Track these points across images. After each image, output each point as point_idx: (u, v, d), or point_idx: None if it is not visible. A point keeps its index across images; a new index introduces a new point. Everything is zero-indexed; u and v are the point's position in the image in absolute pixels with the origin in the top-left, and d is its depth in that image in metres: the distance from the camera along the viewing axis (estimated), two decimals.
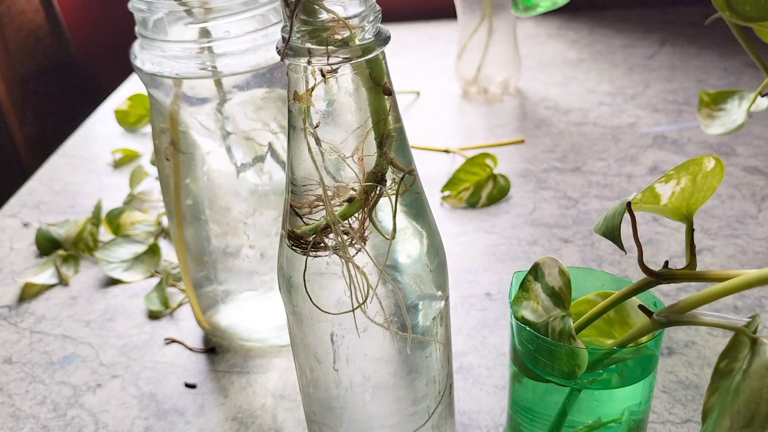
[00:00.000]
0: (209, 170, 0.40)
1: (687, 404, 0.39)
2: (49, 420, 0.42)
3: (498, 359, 0.44)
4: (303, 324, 0.28)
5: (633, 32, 0.95)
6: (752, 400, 0.22)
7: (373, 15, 0.24)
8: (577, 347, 0.27)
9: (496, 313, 0.48)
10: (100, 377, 0.45)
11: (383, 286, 0.27)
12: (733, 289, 0.24)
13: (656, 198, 0.26)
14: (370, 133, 0.25)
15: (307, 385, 0.31)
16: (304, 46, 0.23)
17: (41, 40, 0.98)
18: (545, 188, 0.62)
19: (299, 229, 0.26)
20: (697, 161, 0.26)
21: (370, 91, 0.24)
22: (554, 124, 0.73)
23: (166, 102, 0.38)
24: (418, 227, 0.28)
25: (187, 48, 0.35)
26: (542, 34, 0.97)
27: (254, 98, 0.38)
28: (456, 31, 0.81)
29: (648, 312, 0.26)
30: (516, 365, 0.31)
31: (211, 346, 0.47)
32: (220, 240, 0.42)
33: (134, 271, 0.55)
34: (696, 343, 0.43)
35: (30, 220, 0.64)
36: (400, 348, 0.28)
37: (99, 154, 0.75)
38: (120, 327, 0.49)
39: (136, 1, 0.35)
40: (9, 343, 0.49)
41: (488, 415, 0.40)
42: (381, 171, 0.25)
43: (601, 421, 0.30)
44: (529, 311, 0.29)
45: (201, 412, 0.42)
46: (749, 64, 0.81)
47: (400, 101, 0.75)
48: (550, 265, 0.29)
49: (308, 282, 0.26)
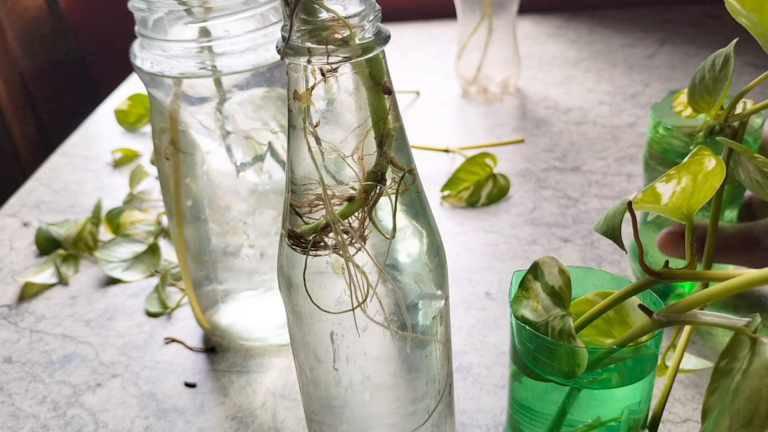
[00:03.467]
0: (209, 170, 0.40)
1: (686, 403, 0.39)
2: (49, 419, 0.42)
3: (498, 358, 0.44)
4: (303, 323, 0.28)
5: (633, 32, 0.95)
6: (752, 400, 0.22)
7: (373, 14, 0.24)
8: (577, 346, 0.27)
9: (496, 313, 0.48)
10: (100, 376, 0.45)
11: (383, 286, 0.27)
12: (733, 289, 0.24)
13: (657, 197, 0.26)
14: (369, 133, 0.25)
15: (307, 384, 0.31)
16: (304, 46, 0.23)
17: (45, 38, 0.98)
18: (545, 187, 0.62)
19: (299, 229, 0.26)
20: (698, 161, 0.26)
21: (370, 91, 0.24)
22: (554, 123, 0.73)
23: (165, 101, 0.38)
24: (418, 226, 0.28)
25: (187, 47, 0.35)
26: (542, 34, 0.97)
27: (254, 97, 0.38)
28: (456, 31, 0.82)
29: (648, 311, 0.26)
30: (516, 364, 0.31)
31: (210, 346, 0.47)
32: (219, 239, 0.42)
33: (134, 270, 0.55)
34: (696, 342, 0.43)
35: (30, 219, 0.64)
36: (400, 347, 0.28)
37: (99, 154, 0.75)
38: (120, 326, 0.49)
39: (136, 1, 0.35)
40: (9, 343, 0.49)
41: (488, 414, 0.40)
42: (381, 170, 0.25)
43: (601, 420, 0.30)
44: (528, 310, 0.29)
45: (201, 412, 0.42)
46: (749, 63, 0.81)
47: (400, 101, 0.75)
48: (549, 265, 0.29)
49: (308, 281, 0.26)
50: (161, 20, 0.36)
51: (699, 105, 0.37)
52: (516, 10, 0.76)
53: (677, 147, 0.41)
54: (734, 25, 0.32)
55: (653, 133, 0.43)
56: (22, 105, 0.92)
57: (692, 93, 0.37)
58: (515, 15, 0.76)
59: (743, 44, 0.37)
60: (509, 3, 0.75)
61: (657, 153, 0.43)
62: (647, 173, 0.45)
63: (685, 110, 0.40)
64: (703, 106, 0.37)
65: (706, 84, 0.36)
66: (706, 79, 0.36)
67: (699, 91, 0.36)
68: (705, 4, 1.01)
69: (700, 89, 0.37)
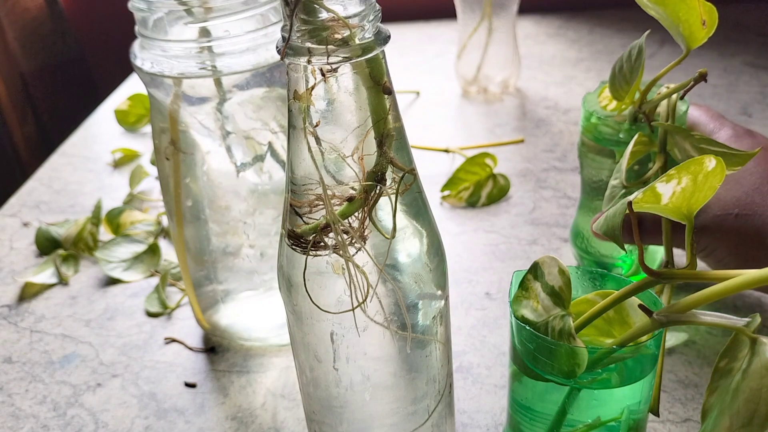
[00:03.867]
0: (209, 170, 0.40)
1: (686, 403, 0.39)
2: (49, 419, 0.42)
3: (498, 358, 0.44)
4: (303, 323, 0.28)
5: (633, 32, 0.95)
6: (752, 400, 0.22)
7: (373, 14, 0.24)
8: (577, 346, 0.27)
9: (496, 313, 0.48)
10: (100, 376, 0.45)
11: (383, 285, 0.27)
12: (733, 289, 0.24)
13: (657, 198, 0.26)
14: (369, 133, 0.25)
15: (307, 384, 0.31)
16: (304, 46, 0.23)
17: (45, 38, 0.98)
18: (545, 187, 0.62)
19: (299, 229, 0.26)
20: (699, 161, 0.26)
21: (370, 91, 0.24)
22: (554, 123, 0.73)
23: (166, 101, 0.38)
24: (418, 226, 0.28)
25: (187, 47, 0.35)
26: (542, 34, 0.97)
27: (254, 97, 0.38)
28: (456, 31, 0.81)
29: (648, 311, 0.26)
30: (516, 364, 0.31)
31: (210, 346, 0.47)
32: (220, 239, 0.43)
33: (134, 270, 0.55)
34: (696, 342, 0.43)
35: (30, 219, 0.64)
36: (400, 347, 0.28)
37: (99, 154, 0.75)
38: (120, 326, 0.49)
39: (136, 1, 0.35)
40: (9, 343, 0.49)
41: (488, 414, 0.40)
42: (381, 170, 0.25)
43: (601, 420, 0.30)
44: (528, 310, 0.29)
45: (201, 412, 0.42)
46: (749, 63, 0.81)
47: (400, 101, 0.75)
48: (549, 265, 0.29)
49: (308, 281, 0.26)
50: (161, 20, 0.36)
51: (619, 93, 0.40)
52: (516, 10, 0.76)
53: (608, 135, 0.43)
54: (734, 25, 0.32)
55: (586, 122, 0.44)
56: (22, 105, 0.92)
57: (612, 82, 0.40)
58: (515, 15, 0.76)
59: (743, 44, 0.38)
60: (509, 3, 0.75)
61: (590, 141, 0.44)
62: (581, 160, 0.47)
63: (610, 104, 0.43)
64: (622, 94, 0.40)
65: (624, 73, 0.39)
66: (624, 69, 0.39)
67: (618, 81, 0.39)
68: None
69: (619, 78, 0.39)
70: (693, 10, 0.33)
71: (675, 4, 0.33)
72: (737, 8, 0.97)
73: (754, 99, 0.74)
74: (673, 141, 0.36)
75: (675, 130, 0.36)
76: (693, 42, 0.34)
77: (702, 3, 0.33)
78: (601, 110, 0.43)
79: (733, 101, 0.74)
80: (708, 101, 0.74)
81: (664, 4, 0.34)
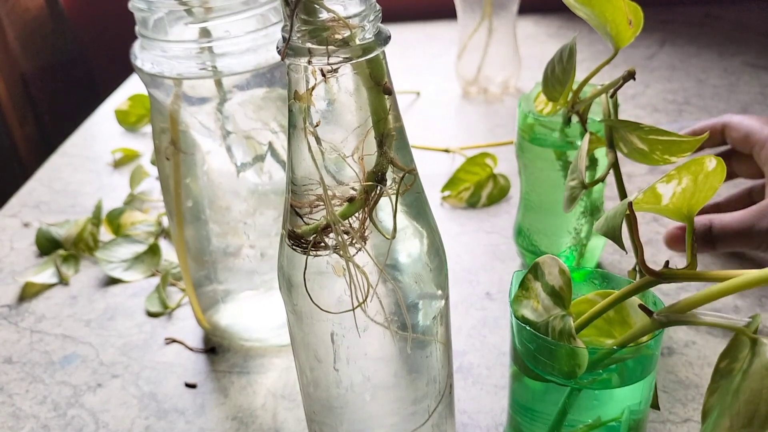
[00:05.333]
0: (209, 170, 0.40)
1: (687, 404, 0.39)
2: (49, 419, 0.42)
3: (498, 359, 0.44)
4: (303, 323, 0.28)
5: None
6: (752, 401, 0.22)
7: (374, 14, 0.24)
8: (577, 347, 0.27)
9: (496, 313, 0.48)
10: (101, 377, 0.45)
11: (383, 286, 0.27)
12: (733, 289, 0.24)
13: (657, 198, 0.26)
14: (370, 133, 0.25)
15: (308, 384, 0.31)
16: (305, 46, 0.23)
17: (45, 38, 0.98)
18: None
19: (299, 229, 0.26)
20: (699, 161, 0.26)
21: (371, 91, 0.24)
22: None
23: (166, 102, 0.38)
24: (419, 227, 0.28)
25: (188, 48, 0.35)
26: (542, 34, 0.97)
27: (254, 98, 0.38)
28: (456, 31, 0.81)
29: (648, 312, 0.26)
30: (516, 365, 0.31)
31: (211, 346, 0.47)
32: (220, 240, 0.43)
33: (134, 270, 0.55)
34: (696, 342, 0.43)
35: (30, 219, 0.64)
36: (401, 347, 0.28)
37: (99, 154, 0.75)
38: (120, 326, 0.49)
39: (136, 1, 0.35)
40: (9, 343, 0.49)
41: (488, 414, 0.40)
42: (381, 170, 0.25)
43: (601, 421, 0.30)
44: (529, 310, 0.29)
45: (201, 412, 0.42)
46: (748, 63, 0.81)
47: (400, 101, 0.75)
48: (550, 265, 0.29)
49: (308, 281, 0.26)
50: (161, 21, 0.36)
51: (552, 94, 0.40)
52: (516, 10, 0.76)
53: (543, 135, 0.43)
54: (734, 25, 0.32)
55: (522, 122, 0.45)
56: (22, 105, 0.92)
57: (546, 84, 0.40)
58: (515, 15, 0.76)
59: (743, 44, 0.38)
60: (509, 3, 0.75)
61: (526, 141, 0.45)
62: (519, 160, 0.47)
63: (545, 107, 0.43)
64: (555, 95, 0.40)
65: (557, 75, 0.39)
66: (556, 70, 0.39)
67: (551, 82, 0.40)
68: (705, 5, 1.01)
69: (552, 80, 0.40)
70: (619, 10, 0.33)
71: (601, 4, 0.33)
72: (737, 8, 0.97)
73: (755, 99, 0.74)
74: (619, 136, 0.36)
75: (620, 125, 0.35)
76: (621, 41, 0.34)
77: (627, 3, 0.33)
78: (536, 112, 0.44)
79: (733, 101, 0.74)
80: (708, 101, 0.74)
81: (591, 5, 0.34)
